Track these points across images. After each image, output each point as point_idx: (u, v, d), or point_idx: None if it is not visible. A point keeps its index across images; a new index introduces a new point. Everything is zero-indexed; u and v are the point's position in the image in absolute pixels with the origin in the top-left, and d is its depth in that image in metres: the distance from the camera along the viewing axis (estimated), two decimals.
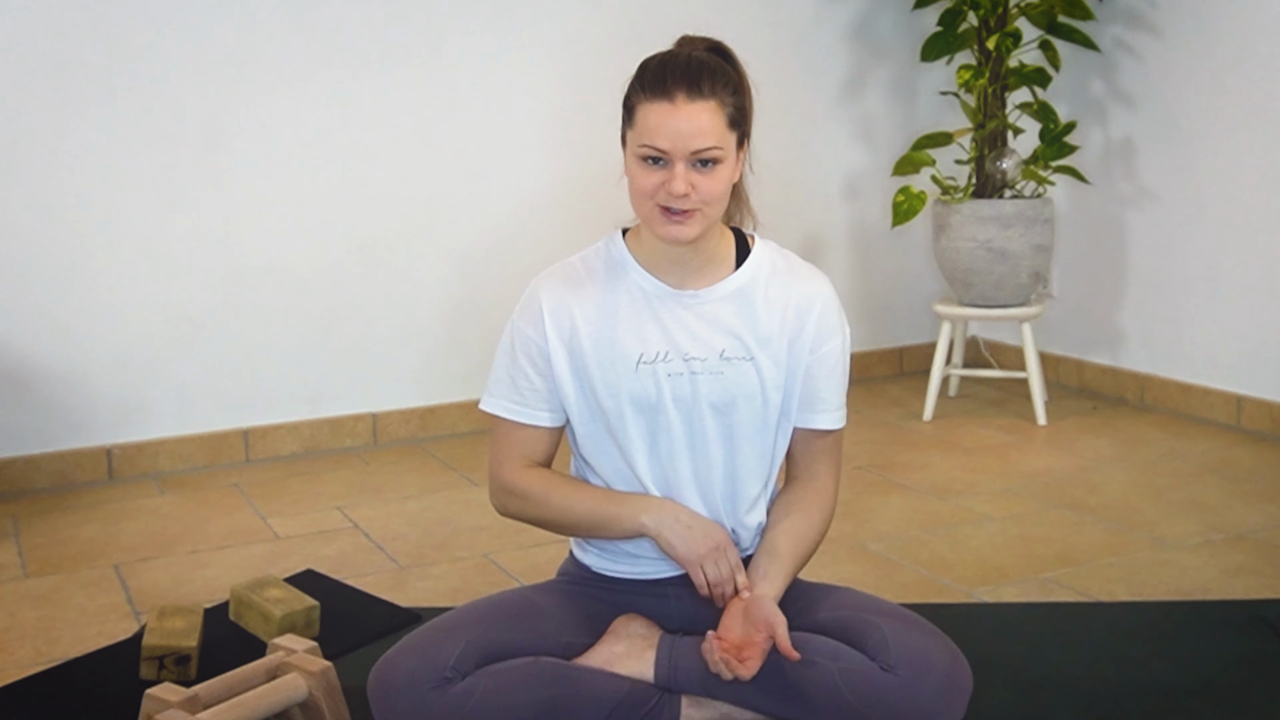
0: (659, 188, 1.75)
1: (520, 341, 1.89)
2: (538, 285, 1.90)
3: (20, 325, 3.25)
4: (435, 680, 1.71)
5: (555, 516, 1.89)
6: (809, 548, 1.90)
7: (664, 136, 1.72)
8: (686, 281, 1.87)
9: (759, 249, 1.93)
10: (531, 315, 1.88)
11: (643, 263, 1.88)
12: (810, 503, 1.92)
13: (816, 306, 1.89)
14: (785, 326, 1.87)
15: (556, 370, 1.87)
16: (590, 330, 1.86)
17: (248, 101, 3.41)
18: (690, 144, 1.72)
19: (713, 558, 1.81)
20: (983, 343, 4.48)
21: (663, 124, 1.72)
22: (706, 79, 1.75)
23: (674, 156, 1.73)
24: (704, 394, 1.85)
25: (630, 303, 1.87)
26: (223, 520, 3.04)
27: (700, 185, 1.75)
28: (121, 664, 2.19)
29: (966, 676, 1.76)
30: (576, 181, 3.74)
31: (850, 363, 1.97)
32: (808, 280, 1.91)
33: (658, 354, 1.84)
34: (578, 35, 3.72)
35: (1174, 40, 3.73)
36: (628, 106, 1.79)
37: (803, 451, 1.94)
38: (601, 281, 1.88)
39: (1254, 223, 3.57)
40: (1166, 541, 2.75)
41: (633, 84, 1.79)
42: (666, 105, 1.72)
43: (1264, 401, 3.58)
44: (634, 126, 1.77)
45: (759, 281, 1.89)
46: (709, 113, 1.74)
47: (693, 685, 1.80)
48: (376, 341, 3.66)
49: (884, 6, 4.21)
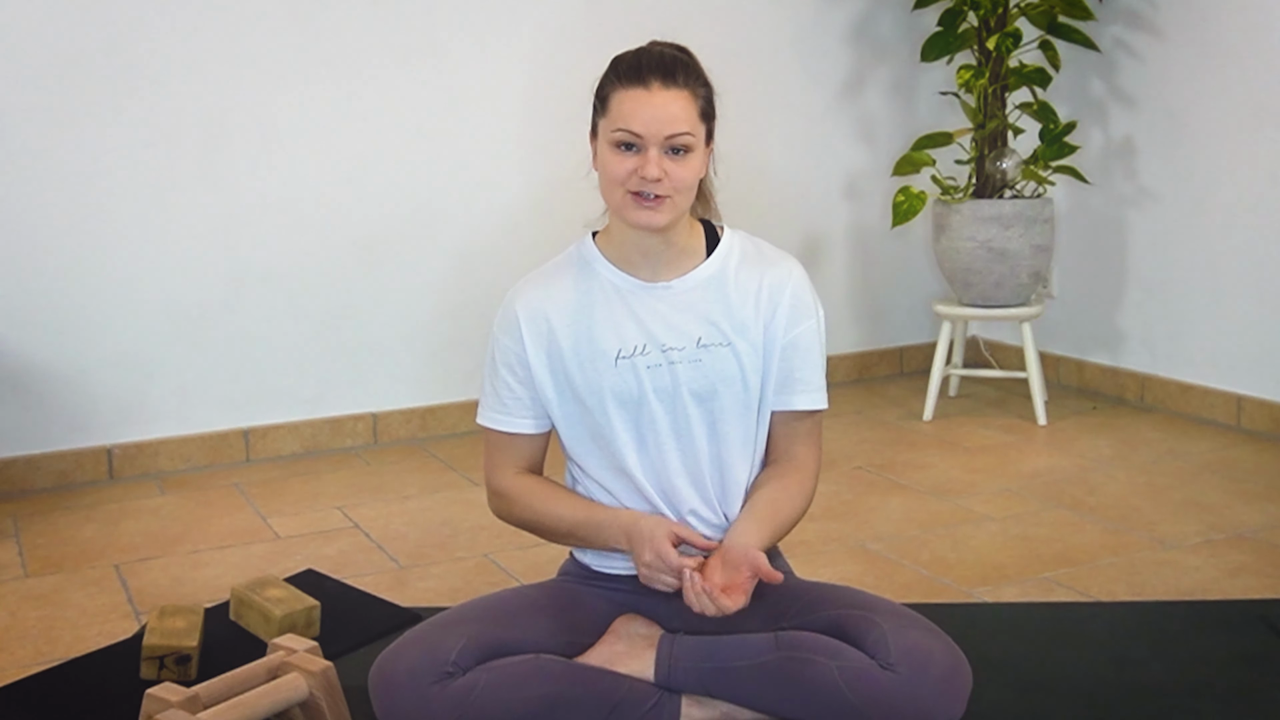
0: (631, 174, 1.80)
1: (500, 352, 1.94)
2: (512, 295, 1.95)
3: (20, 325, 3.25)
4: (436, 675, 1.72)
5: (545, 524, 1.93)
6: (786, 515, 1.89)
7: (639, 121, 1.77)
8: (659, 274, 1.91)
9: (728, 237, 1.96)
10: (508, 325, 1.93)
11: (614, 260, 1.92)
12: (790, 480, 1.92)
13: (788, 288, 1.92)
14: (759, 311, 1.90)
15: (537, 376, 1.91)
16: (567, 332, 1.89)
17: (248, 101, 3.41)
18: (665, 129, 1.77)
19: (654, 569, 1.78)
20: (983, 343, 4.48)
21: (638, 109, 1.78)
22: (680, 69, 1.81)
23: (648, 142, 1.78)
24: (684, 382, 1.87)
25: (604, 300, 1.90)
26: (223, 520, 3.04)
27: (672, 172, 1.79)
28: (122, 664, 2.19)
29: (966, 674, 1.76)
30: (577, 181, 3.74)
31: (849, 361, 1.97)
32: (778, 264, 1.94)
33: (635, 348, 1.87)
34: (579, 34, 3.72)
35: (1174, 40, 3.73)
36: (600, 97, 1.85)
37: (782, 434, 1.95)
38: (574, 283, 1.92)
39: (1254, 223, 3.57)
40: (1166, 541, 2.75)
41: (606, 76, 1.85)
42: (641, 91, 1.78)
43: (1264, 401, 3.58)
44: (607, 114, 1.82)
45: (730, 268, 1.92)
46: (683, 100, 1.80)
47: (693, 685, 1.80)
48: (376, 341, 3.66)
49: (884, 6, 4.21)
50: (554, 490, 1.95)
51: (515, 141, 3.72)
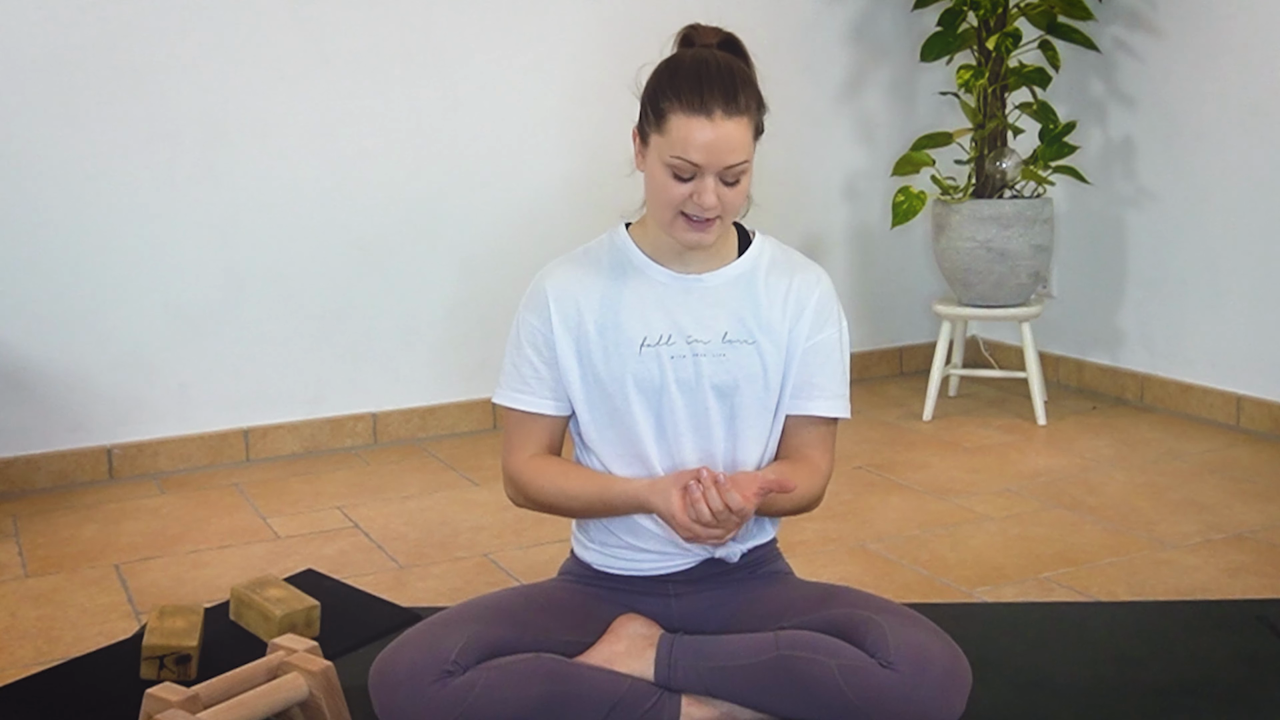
0: (685, 199, 1.78)
1: (525, 331, 1.92)
2: (543, 276, 1.94)
3: (20, 325, 3.25)
4: (436, 673, 1.72)
5: (560, 502, 1.90)
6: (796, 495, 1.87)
7: (699, 152, 1.74)
8: (690, 268, 1.92)
9: (760, 241, 1.98)
10: (537, 304, 1.92)
11: (647, 251, 1.92)
12: (800, 467, 1.91)
13: (815, 294, 1.93)
14: (785, 314, 1.91)
15: (561, 357, 1.90)
16: (595, 316, 1.89)
17: (248, 101, 3.41)
18: (724, 160, 1.75)
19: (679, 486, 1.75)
20: (982, 343, 4.48)
21: (700, 140, 1.74)
22: (742, 92, 1.77)
23: (706, 171, 1.76)
24: (707, 376, 1.87)
25: (634, 288, 1.90)
26: (223, 520, 3.04)
27: (726, 197, 1.78)
28: (122, 664, 2.19)
29: (966, 673, 1.76)
30: (577, 181, 3.74)
31: (850, 361, 1.98)
32: (806, 270, 1.96)
33: (661, 337, 1.88)
34: (579, 34, 3.72)
35: (1174, 40, 3.73)
36: (658, 110, 1.78)
37: (797, 439, 1.94)
38: (606, 270, 1.92)
39: (1254, 223, 3.57)
40: (1166, 541, 2.75)
41: (663, 86, 1.78)
42: (704, 121, 1.74)
43: (1264, 401, 3.58)
44: (664, 135, 1.77)
45: (761, 269, 1.94)
46: (743, 129, 1.77)
47: (693, 684, 1.80)
48: (376, 341, 3.66)
49: (884, 6, 4.21)
50: (567, 467, 1.92)
51: (516, 141, 3.72)
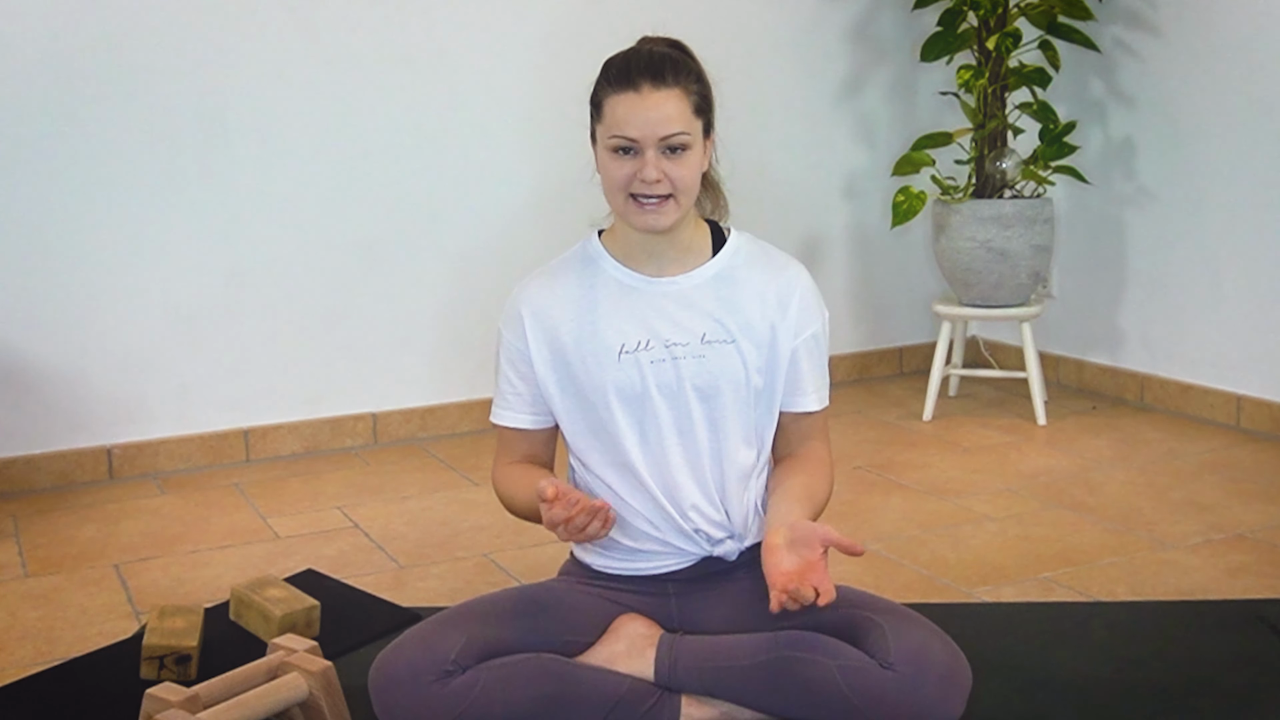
0: (631, 178, 1.81)
1: (504, 348, 1.97)
2: (517, 292, 1.97)
3: (20, 325, 3.25)
4: (436, 673, 1.72)
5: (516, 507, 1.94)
6: (819, 497, 1.91)
7: (633, 125, 1.79)
8: (664, 271, 1.93)
9: (735, 238, 1.98)
10: (512, 321, 1.95)
11: (619, 257, 1.94)
12: (811, 467, 1.94)
13: (797, 292, 1.94)
14: (767, 312, 1.91)
15: (539, 372, 1.93)
16: (571, 327, 1.91)
17: (248, 101, 3.41)
18: (658, 130, 1.78)
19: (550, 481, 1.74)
20: (982, 343, 4.48)
21: (631, 113, 1.79)
22: (669, 68, 1.81)
23: (644, 145, 1.79)
24: (687, 378, 1.88)
25: (608, 296, 1.91)
26: (223, 520, 3.04)
27: (671, 172, 1.80)
28: (122, 664, 2.19)
29: (965, 673, 1.76)
30: (577, 182, 3.73)
31: (850, 362, 1.98)
32: (786, 268, 1.96)
33: (639, 343, 1.89)
34: (579, 34, 3.71)
35: (1174, 40, 3.73)
36: (595, 103, 1.86)
37: (794, 433, 1.98)
38: (579, 279, 1.94)
39: (1254, 223, 3.57)
40: (1166, 541, 2.75)
41: (599, 82, 1.86)
42: (633, 95, 1.79)
43: (1264, 401, 3.58)
44: (603, 120, 1.83)
45: (737, 267, 1.94)
46: (674, 100, 1.80)
47: (693, 684, 1.80)
48: (376, 341, 3.66)
49: (884, 6, 4.21)
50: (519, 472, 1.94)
51: (515, 141, 3.72)
